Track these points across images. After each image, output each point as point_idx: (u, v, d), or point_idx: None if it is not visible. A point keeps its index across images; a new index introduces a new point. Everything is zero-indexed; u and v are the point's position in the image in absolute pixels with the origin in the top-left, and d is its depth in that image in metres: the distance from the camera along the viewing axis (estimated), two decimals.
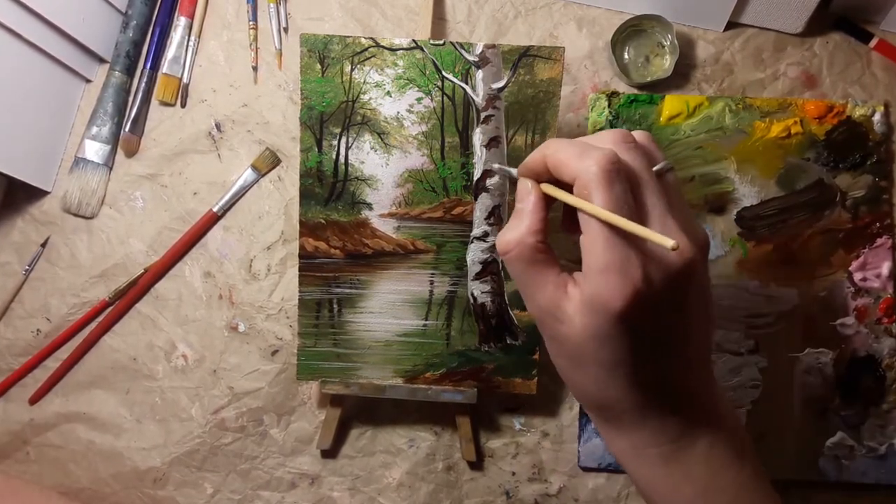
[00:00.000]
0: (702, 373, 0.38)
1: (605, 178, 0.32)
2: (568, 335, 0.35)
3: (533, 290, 0.36)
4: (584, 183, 0.33)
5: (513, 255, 0.36)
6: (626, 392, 0.36)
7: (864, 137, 0.58)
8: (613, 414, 0.37)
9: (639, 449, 0.38)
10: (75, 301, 0.60)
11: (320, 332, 0.54)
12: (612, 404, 0.37)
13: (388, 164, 0.53)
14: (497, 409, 0.59)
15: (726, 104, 0.58)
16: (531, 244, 0.36)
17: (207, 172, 0.60)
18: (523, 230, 0.36)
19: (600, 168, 0.32)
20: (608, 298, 0.33)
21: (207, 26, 0.61)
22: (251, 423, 0.60)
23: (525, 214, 0.37)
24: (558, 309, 0.35)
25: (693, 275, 0.34)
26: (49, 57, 0.57)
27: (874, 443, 0.57)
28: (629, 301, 0.32)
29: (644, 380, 0.36)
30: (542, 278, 0.36)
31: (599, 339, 0.34)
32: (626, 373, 0.35)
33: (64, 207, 0.60)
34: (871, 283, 0.58)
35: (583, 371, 0.36)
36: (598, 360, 0.35)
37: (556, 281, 0.36)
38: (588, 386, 0.37)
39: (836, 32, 0.60)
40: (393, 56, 0.52)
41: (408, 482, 0.59)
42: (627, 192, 0.33)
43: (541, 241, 0.36)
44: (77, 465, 0.60)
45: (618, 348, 0.34)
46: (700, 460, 0.37)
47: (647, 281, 0.33)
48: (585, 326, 0.34)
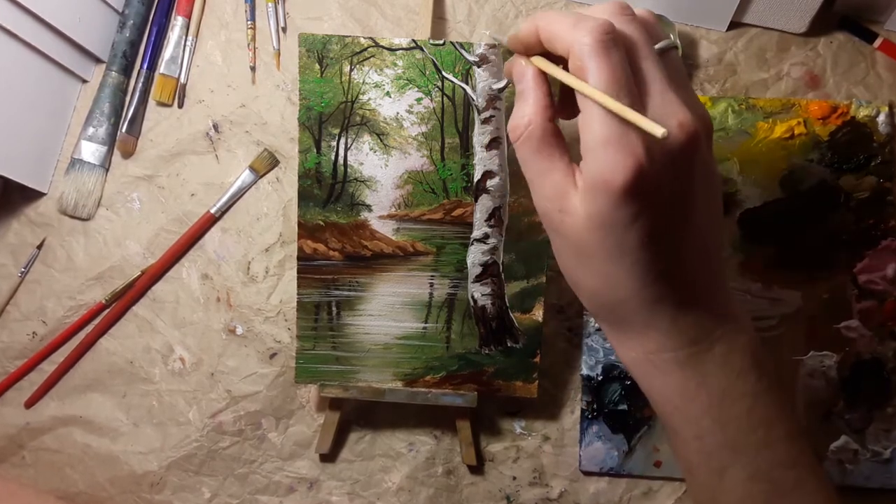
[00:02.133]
0: (713, 266, 0.35)
1: (601, 48, 0.31)
2: (573, 227, 0.33)
3: (541, 178, 0.34)
4: (578, 55, 0.31)
5: (524, 137, 0.34)
6: (636, 286, 0.33)
7: (869, 138, 0.57)
8: (624, 315, 0.35)
9: (651, 354, 0.35)
10: (71, 304, 0.60)
11: (319, 334, 0.54)
12: (621, 303, 0.34)
13: (387, 166, 0.52)
14: (497, 412, 0.58)
15: (729, 105, 0.58)
16: (541, 123, 0.34)
17: (205, 174, 0.60)
18: (532, 108, 0.34)
19: (595, 38, 0.31)
20: (609, 175, 0.31)
21: (205, 26, 0.61)
22: (249, 426, 0.59)
23: (528, 93, 0.35)
24: (564, 198, 0.33)
25: (697, 151, 0.32)
26: (45, 57, 0.57)
27: (879, 447, 0.57)
28: (631, 176, 0.30)
29: (653, 271, 0.33)
30: (551, 164, 0.34)
31: (604, 225, 0.32)
32: (635, 262, 0.33)
33: (60, 209, 0.60)
34: (876, 286, 0.57)
35: (589, 267, 0.34)
36: (604, 252, 0.33)
37: (565, 168, 0.34)
38: (596, 284, 0.35)
39: (841, 32, 0.59)
40: (392, 56, 0.51)
41: (407, 486, 0.58)
42: (625, 63, 0.31)
43: (550, 117, 0.34)
44: (73, 469, 0.59)
45: (623, 233, 0.32)
46: (717, 366, 0.35)
47: (649, 154, 0.31)
48: (589, 213, 0.32)
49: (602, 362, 0.57)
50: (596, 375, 0.58)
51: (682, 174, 0.33)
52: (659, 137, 0.29)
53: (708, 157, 0.34)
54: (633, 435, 0.57)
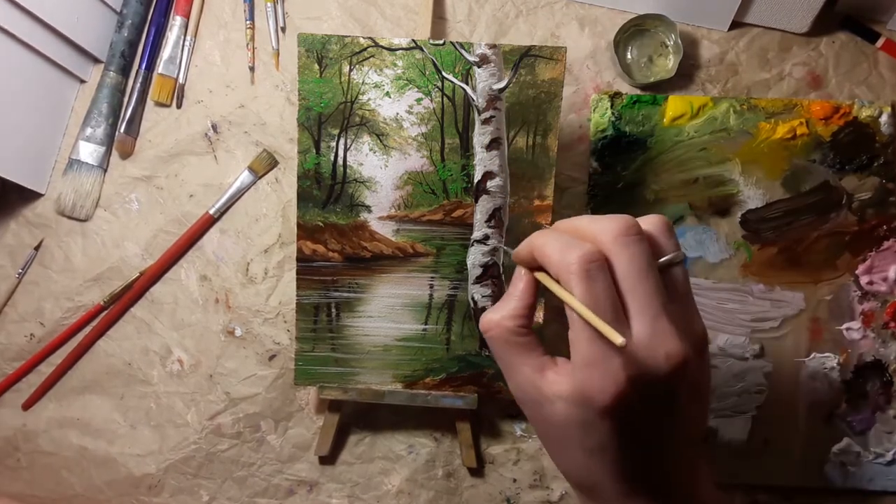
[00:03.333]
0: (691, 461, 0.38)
1: (584, 275, 0.33)
2: (549, 418, 0.36)
3: (510, 372, 0.38)
4: (564, 279, 0.34)
5: (491, 336, 0.38)
6: (610, 479, 0.36)
7: (871, 139, 0.57)
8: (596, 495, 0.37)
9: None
10: (69, 305, 0.60)
11: (318, 336, 0.53)
12: (597, 488, 0.37)
13: (387, 166, 0.52)
14: (498, 414, 0.58)
15: (731, 105, 0.57)
16: (509, 328, 0.37)
17: (203, 174, 0.60)
18: (504, 313, 0.37)
19: (580, 266, 0.33)
20: (591, 394, 0.33)
21: (203, 26, 0.60)
22: (248, 429, 0.59)
23: (511, 298, 0.38)
24: (537, 392, 0.36)
25: (683, 377, 0.34)
26: (42, 57, 0.56)
27: (881, 449, 0.57)
28: (612, 400, 0.33)
29: (628, 469, 0.36)
30: (519, 361, 0.37)
31: (584, 427, 0.35)
32: (611, 461, 0.35)
33: (58, 210, 0.59)
34: (878, 287, 0.57)
35: (567, 454, 0.37)
36: (581, 446, 0.35)
37: (534, 364, 0.36)
38: (574, 469, 0.37)
39: (843, 32, 0.59)
40: (392, 56, 0.51)
41: (407, 489, 0.58)
42: (609, 290, 0.33)
43: (521, 325, 0.37)
44: (70, 471, 0.59)
45: (602, 438, 0.34)
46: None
47: (631, 381, 0.33)
48: (570, 415, 0.35)
49: None
50: None
51: (665, 397, 0.34)
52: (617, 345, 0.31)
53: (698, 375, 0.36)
54: None
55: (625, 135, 0.57)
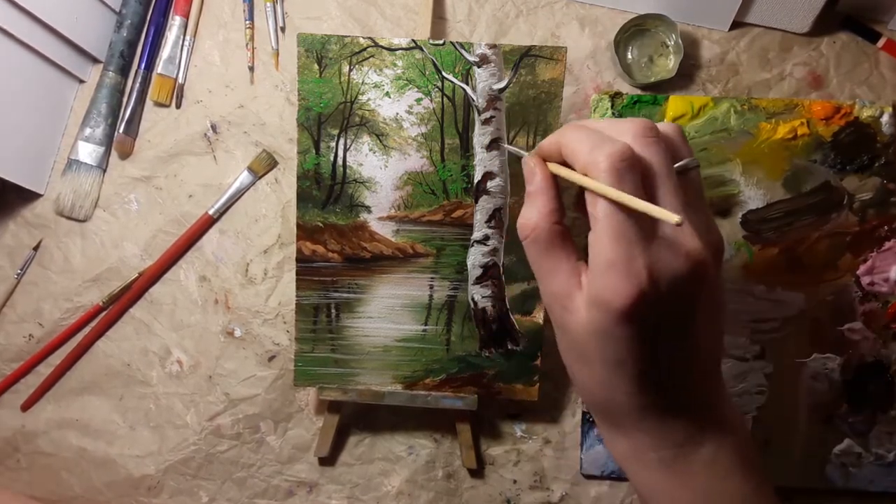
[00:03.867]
0: (709, 378, 0.37)
1: (616, 173, 0.32)
2: (575, 327, 0.35)
3: (547, 277, 0.36)
4: (593, 175, 0.33)
5: (533, 237, 0.36)
6: (629, 393, 0.35)
7: (872, 139, 0.57)
8: (616, 415, 0.36)
9: (639, 453, 0.37)
10: (68, 306, 0.59)
11: (318, 337, 0.53)
12: (614, 405, 0.36)
13: (386, 166, 0.52)
14: (498, 415, 0.58)
15: (731, 105, 0.57)
16: (547, 227, 0.35)
17: (203, 174, 0.59)
18: (538, 212, 0.35)
19: (611, 163, 0.32)
20: (611, 297, 0.32)
21: (203, 26, 0.60)
22: (247, 430, 0.59)
23: (536, 195, 0.36)
24: (568, 298, 0.35)
25: (703, 279, 0.33)
26: (41, 57, 0.56)
27: (882, 450, 0.57)
28: (632, 302, 0.32)
29: (648, 382, 0.34)
30: (557, 264, 0.35)
31: (603, 336, 0.33)
32: (630, 373, 0.34)
33: (57, 210, 0.59)
34: (879, 288, 0.57)
35: (587, 367, 0.36)
36: (601, 358, 0.34)
37: (570, 269, 0.35)
38: (592, 383, 0.36)
39: (844, 32, 0.59)
40: (392, 56, 0.51)
41: (407, 490, 0.58)
42: (639, 189, 0.32)
43: (556, 221, 0.35)
44: (70, 472, 0.59)
45: (621, 348, 0.33)
46: (701, 467, 0.36)
47: (653, 282, 0.32)
48: (590, 321, 0.34)
49: None
50: None
51: (685, 300, 0.34)
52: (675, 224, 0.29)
53: (715, 282, 0.35)
54: None
55: None
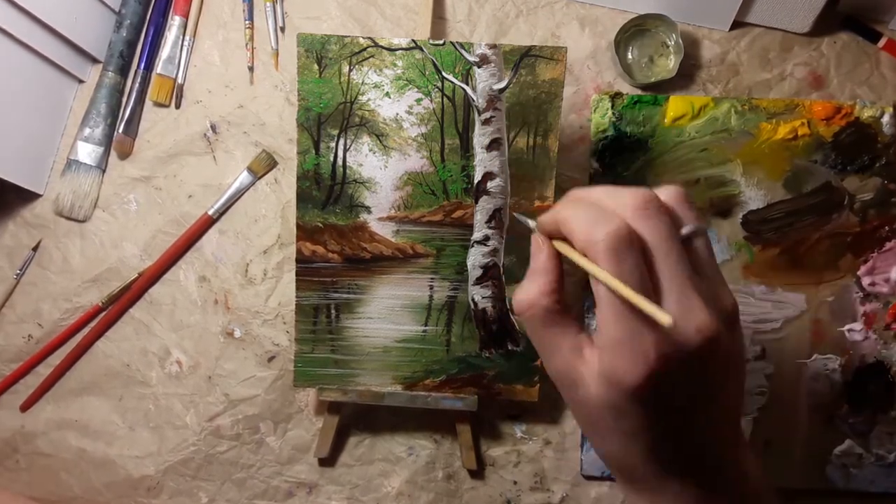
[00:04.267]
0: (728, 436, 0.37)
1: (613, 253, 0.31)
2: (585, 401, 0.34)
3: (549, 353, 0.36)
4: (592, 256, 0.32)
5: (529, 316, 0.35)
6: (646, 461, 0.35)
7: (873, 139, 0.57)
8: (635, 480, 0.36)
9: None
10: (67, 306, 0.59)
11: (318, 337, 0.53)
12: (633, 471, 0.36)
13: (386, 167, 0.52)
14: (498, 416, 0.58)
15: (732, 105, 0.57)
16: (544, 306, 0.35)
17: (202, 175, 0.59)
18: (536, 291, 0.35)
19: (607, 245, 0.31)
20: (621, 375, 0.32)
21: (202, 26, 0.60)
22: (247, 430, 0.58)
23: (537, 274, 0.36)
24: (575, 372, 0.34)
25: (715, 352, 0.32)
26: (41, 57, 0.56)
27: (883, 451, 0.56)
28: (642, 379, 0.31)
29: (665, 450, 0.35)
30: (558, 341, 0.35)
31: (615, 411, 0.33)
32: (646, 442, 0.34)
33: (56, 210, 0.59)
34: (880, 288, 0.57)
35: (602, 436, 0.36)
36: (616, 429, 0.34)
37: (572, 344, 0.35)
38: (608, 450, 0.36)
39: (844, 32, 0.59)
40: (392, 56, 0.50)
41: (407, 491, 0.58)
42: (640, 267, 0.32)
43: (555, 301, 0.35)
44: (69, 473, 0.59)
45: (634, 422, 0.33)
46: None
47: (662, 359, 0.31)
48: (601, 396, 0.33)
49: None
50: None
51: (698, 373, 0.33)
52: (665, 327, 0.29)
53: (731, 347, 0.34)
54: None
55: (626, 135, 0.57)
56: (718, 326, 0.32)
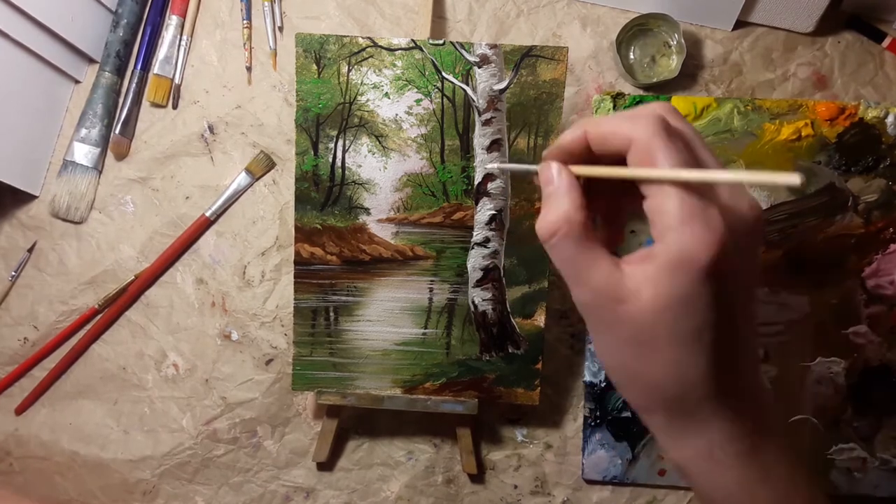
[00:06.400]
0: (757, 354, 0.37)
1: (665, 134, 0.31)
2: (633, 315, 0.32)
3: (586, 273, 0.33)
4: (644, 145, 0.31)
5: (561, 236, 0.33)
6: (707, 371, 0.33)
7: (877, 140, 0.56)
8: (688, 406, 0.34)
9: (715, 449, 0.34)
10: (63, 308, 0.59)
11: (316, 340, 0.53)
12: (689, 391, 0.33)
13: (386, 168, 0.51)
14: (498, 420, 0.57)
15: (735, 106, 0.56)
16: (580, 221, 0.33)
17: (200, 176, 0.59)
18: (566, 208, 0.34)
19: (656, 128, 0.31)
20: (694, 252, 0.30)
21: (200, 25, 0.60)
22: (244, 434, 0.58)
23: (560, 195, 0.34)
24: (618, 286, 0.32)
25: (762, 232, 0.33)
26: (36, 57, 0.55)
27: (888, 455, 0.56)
28: (716, 251, 0.30)
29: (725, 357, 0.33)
30: (595, 257, 0.33)
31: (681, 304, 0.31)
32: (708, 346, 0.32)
33: (52, 212, 0.58)
34: (885, 291, 0.56)
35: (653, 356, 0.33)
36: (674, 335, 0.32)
37: (611, 258, 0.33)
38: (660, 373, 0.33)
39: (848, 32, 0.58)
40: (391, 56, 0.50)
41: (406, 496, 0.57)
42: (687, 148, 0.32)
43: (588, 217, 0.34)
44: (63, 476, 0.58)
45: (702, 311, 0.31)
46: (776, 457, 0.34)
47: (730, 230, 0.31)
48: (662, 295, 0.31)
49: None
50: (599, 382, 0.56)
51: (751, 253, 0.33)
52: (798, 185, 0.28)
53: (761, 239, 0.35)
54: (637, 443, 0.56)
55: None
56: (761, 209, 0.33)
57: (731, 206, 0.31)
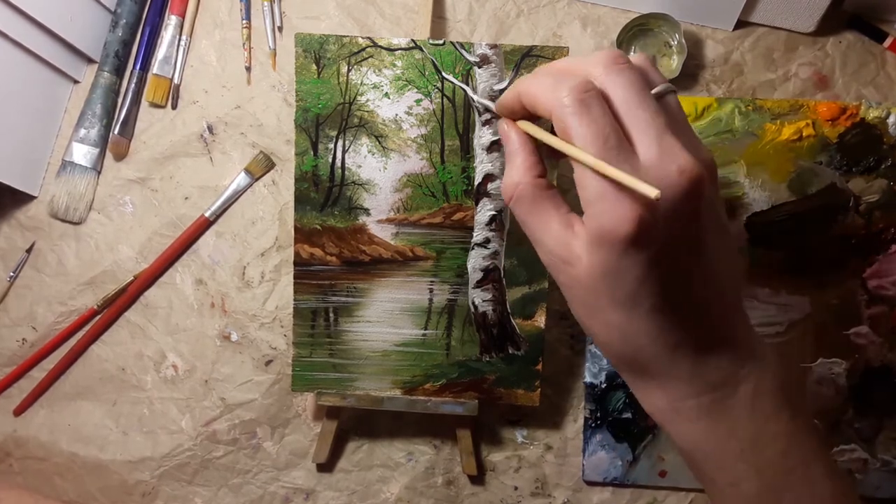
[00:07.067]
0: (734, 310, 0.35)
1: (581, 106, 0.30)
2: (579, 277, 0.33)
3: (540, 233, 0.34)
4: (559, 116, 0.31)
5: (518, 196, 0.34)
6: (651, 334, 0.33)
7: (879, 140, 0.56)
8: (643, 365, 0.34)
9: (676, 402, 0.34)
10: (62, 309, 0.59)
11: (316, 341, 0.52)
12: (638, 352, 0.34)
13: (386, 168, 0.51)
14: (499, 421, 0.57)
15: (736, 106, 0.56)
16: (528, 182, 0.34)
17: (199, 176, 0.59)
18: (517, 171, 0.34)
19: (574, 97, 0.30)
20: (612, 226, 0.30)
21: (199, 25, 0.59)
22: (244, 435, 0.58)
23: (514, 155, 0.35)
24: (567, 249, 0.33)
25: (701, 194, 0.31)
26: (35, 57, 0.55)
27: (889, 456, 0.56)
28: (634, 225, 0.30)
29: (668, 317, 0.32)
30: (547, 217, 0.34)
31: (611, 274, 0.31)
32: (648, 310, 0.32)
33: (51, 212, 0.58)
34: (886, 291, 0.56)
35: (602, 317, 0.33)
36: (615, 301, 0.32)
37: (562, 220, 0.33)
38: (610, 334, 0.34)
39: (850, 31, 0.58)
40: (391, 56, 0.50)
41: (406, 497, 0.57)
42: (608, 117, 0.30)
43: (538, 175, 0.34)
44: (63, 478, 0.58)
45: (632, 281, 0.31)
46: (744, 410, 0.34)
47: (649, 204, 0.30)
48: (594, 264, 0.32)
49: (606, 370, 0.56)
50: (599, 383, 0.56)
51: (687, 219, 0.32)
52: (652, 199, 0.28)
53: (714, 199, 0.34)
54: (638, 444, 0.56)
55: None
56: (700, 169, 0.31)
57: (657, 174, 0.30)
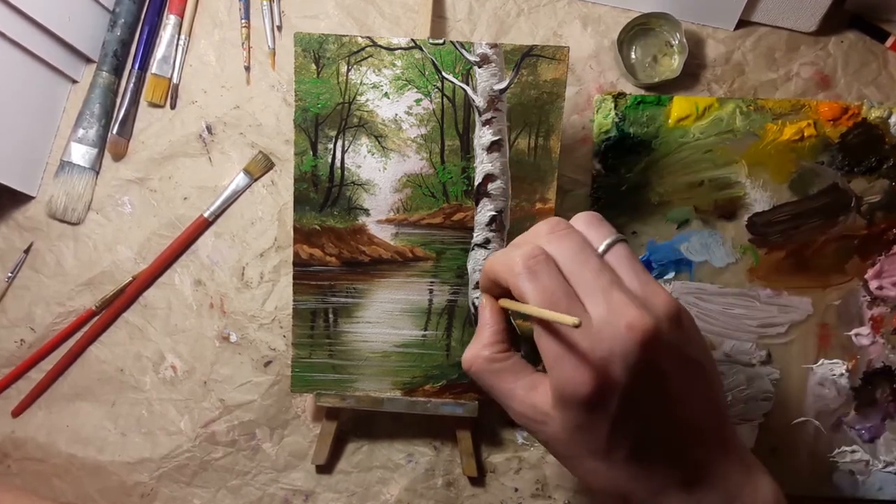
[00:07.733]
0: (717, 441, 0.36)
1: (529, 273, 0.34)
2: (555, 434, 0.35)
3: (507, 400, 0.37)
4: (513, 284, 0.34)
5: (475, 370, 0.38)
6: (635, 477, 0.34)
7: (881, 140, 0.56)
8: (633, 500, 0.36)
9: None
10: (60, 310, 0.58)
11: (315, 342, 0.52)
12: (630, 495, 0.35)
13: (385, 169, 0.51)
14: (499, 422, 0.57)
15: (737, 106, 0.56)
16: (487, 356, 0.38)
17: (198, 176, 0.58)
18: (478, 346, 0.38)
19: (523, 265, 0.34)
20: (572, 388, 0.33)
21: (198, 25, 0.59)
22: (243, 436, 0.57)
23: (482, 329, 0.39)
24: (535, 410, 0.35)
25: (657, 348, 0.32)
26: (33, 56, 0.55)
27: (890, 457, 0.56)
28: (591, 387, 0.32)
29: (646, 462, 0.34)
30: (509, 385, 0.37)
31: (582, 429, 0.34)
32: (625, 458, 0.34)
33: (49, 213, 0.58)
34: (888, 292, 0.56)
35: (586, 465, 0.36)
36: (592, 452, 0.34)
37: (526, 384, 0.36)
38: (597, 480, 0.36)
39: (851, 31, 0.58)
40: (391, 56, 0.49)
41: (406, 499, 0.57)
42: (556, 278, 0.34)
43: (499, 350, 0.38)
44: (61, 479, 0.58)
45: (603, 435, 0.33)
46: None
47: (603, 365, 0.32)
48: (564, 421, 0.34)
49: None
50: None
51: (645, 370, 0.33)
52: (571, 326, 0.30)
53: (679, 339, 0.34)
54: None
55: (629, 136, 0.56)
56: (651, 322, 0.32)
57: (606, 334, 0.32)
